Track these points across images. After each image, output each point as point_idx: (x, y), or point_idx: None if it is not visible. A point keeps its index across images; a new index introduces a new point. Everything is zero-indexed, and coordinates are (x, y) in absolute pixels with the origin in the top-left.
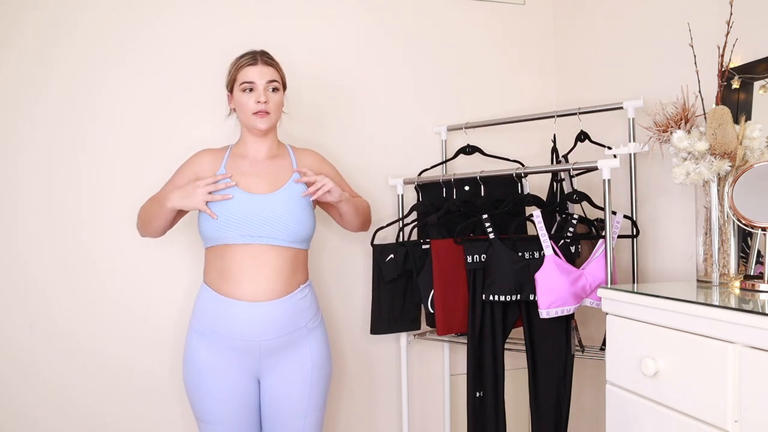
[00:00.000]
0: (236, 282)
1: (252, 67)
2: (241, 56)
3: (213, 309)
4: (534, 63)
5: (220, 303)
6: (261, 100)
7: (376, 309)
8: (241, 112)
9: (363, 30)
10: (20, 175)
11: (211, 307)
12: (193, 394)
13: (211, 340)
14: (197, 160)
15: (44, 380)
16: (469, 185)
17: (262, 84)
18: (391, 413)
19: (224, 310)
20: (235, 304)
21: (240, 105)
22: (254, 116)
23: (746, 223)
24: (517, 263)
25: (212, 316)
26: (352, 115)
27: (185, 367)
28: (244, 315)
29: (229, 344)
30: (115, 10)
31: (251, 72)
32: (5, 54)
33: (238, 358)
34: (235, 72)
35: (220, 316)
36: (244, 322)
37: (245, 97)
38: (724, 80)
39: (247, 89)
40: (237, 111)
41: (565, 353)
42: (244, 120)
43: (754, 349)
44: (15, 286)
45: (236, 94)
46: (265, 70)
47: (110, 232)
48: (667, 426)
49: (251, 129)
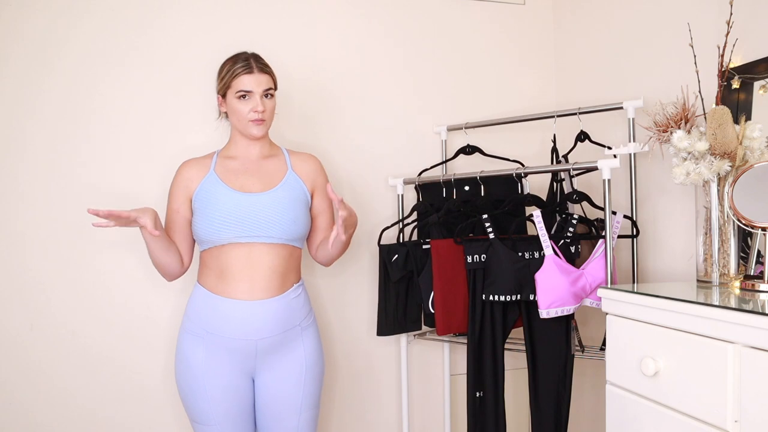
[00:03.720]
0: (232, 281)
1: (248, 76)
2: (235, 62)
3: (208, 309)
4: (534, 63)
5: (216, 303)
6: (259, 109)
7: (382, 310)
8: (236, 118)
9: (363, 30)
10: (20, 175)
11: (207, 307)
12: (187, 396)
13: (205, 341)
14: (183, 174)
15: (44, 380)
16: (469, 185)
17: (259, 92)
18: (391, 413)
19: (220, 310)
20: (231, 304)
21: (235, 111)
22: (250, 123)
23: (746, 223)
24: (517, 263)
25: (207, 316)
26: (352, 115)
27: (178, 369)
28: (241, 314)
29: (225, 344)
30: (114, 10)
31: (247, 80)
32: (4, 55)
33: (233, 357)
34: (229, 79)
35: (216, 316)
36: (241, 321)
37: (241, 104)
38: (724, 80)
39: (243, 96)
40: (231, 116)
41: (565, 353)
42: (238, 125)
43: (754, 349)
44: (15, 286)
45: (231, 101)
46: (261, 79)
47: (110, 232)
48: (667, 426)
49: (245, 135)
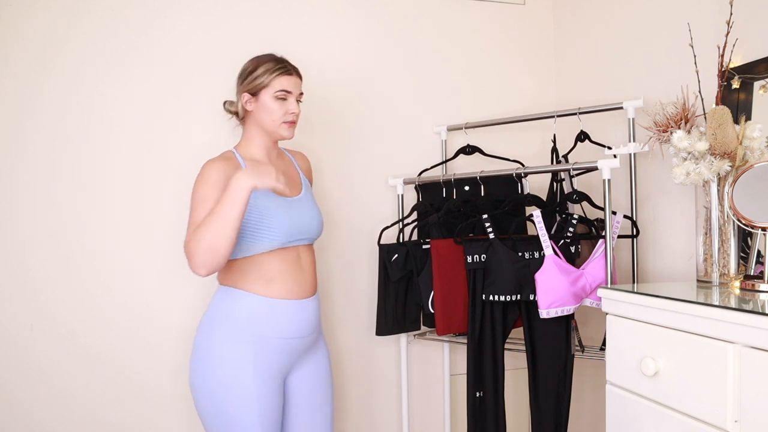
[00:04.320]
0: (284, 283)
1: (288, 77)
2: (276, 62)
3: (263, 313)
4: (534, 63)
5: (271, 305)
6: (295, 111)
7: (381, 310)
8: (270, 118)
9: (363, 30)
10: (20, 175)
11: (261, 311)
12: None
13: (257, 346)
14: (220, 175)
15: (44, 381)
16: (469, 185)
17: (296, 95)
18: (391, 413)
19: (277, 312)
20: (287, 304)
21: (270, 111)
22: (284, 125)
23: (746, 223)
24: (517, 263)
25: (261, 320)
26: (352, 115)
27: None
28: (298, 314)
29: (277, 346)
30: (114, 10)
31: (287, 82)
32: (4, 55)
33: (281, 359)
34: (268, 78)
35: (273, 318)
36: (298, 320)
37: (276, 105)
38: (724, 80)
39: (281, 97)
40: (259, 115)
41: (565, 353)
42: (268, 125)
43: (754, 349)
44: (15, 286)
45: (266, 100)
46: (297, 82)
47: (110, 232)
48: (667, 426)
49: (273, 135)
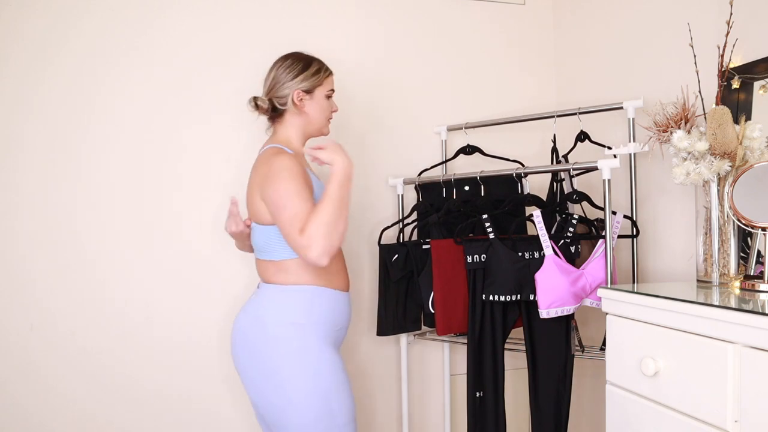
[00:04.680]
0: (339, 276)
1: (332, 78)
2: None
3: (335, 307)
4: (534, 63)
5: (339, 298)
6: (337, 110)
7: (382, 311)
8: (322, 115)
9: (363, 30)
10: (20, 175)
11: (334, 306)
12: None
13: (335, 341)
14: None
15: (44, 381)
16: (469, 185)
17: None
18: (391, 413)
19: (342, 304)
20: (345, 296)
21: (323, 108)
22: (327, 122)
23: (746, 223)
24: (517, 263)
25: (335, 314)
26: (352, 114)
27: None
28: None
29: (340, 337)
30: (114, 10)
31: (332, 82)
32: (4, 55)
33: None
34: (323, 77)
35: (343, 311)
36: (349, 311)
37: (327, 103)
38: (724, 80)
39: (329, 96)
40: (311, 111)
41: (565, 353)
42: (317, 122)
43: (754, 349)
44: (15, 286)
45: (320, 98)
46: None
47: (110, 232)
48: (667, 426)
49: (319, 131)
